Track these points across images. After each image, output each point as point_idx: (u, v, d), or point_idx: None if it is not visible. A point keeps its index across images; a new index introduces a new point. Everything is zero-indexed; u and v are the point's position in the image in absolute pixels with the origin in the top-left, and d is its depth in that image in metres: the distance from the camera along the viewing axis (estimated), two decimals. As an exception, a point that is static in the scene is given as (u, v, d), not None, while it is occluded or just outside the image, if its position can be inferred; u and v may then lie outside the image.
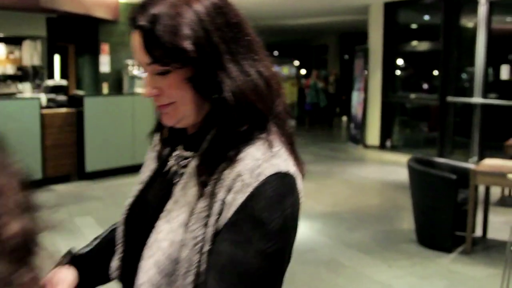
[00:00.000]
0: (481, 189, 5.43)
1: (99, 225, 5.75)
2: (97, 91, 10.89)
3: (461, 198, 5.07)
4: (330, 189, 7.63)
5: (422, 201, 5.20)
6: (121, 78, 11.01)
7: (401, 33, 11.31)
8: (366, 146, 11.58)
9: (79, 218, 6.07)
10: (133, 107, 8.48)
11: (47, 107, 7.86)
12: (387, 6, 11.13)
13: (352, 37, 18.29)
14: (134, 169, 8.50)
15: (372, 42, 11.48)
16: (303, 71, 24.68)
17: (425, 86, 13.87)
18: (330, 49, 21.41)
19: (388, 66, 11.28)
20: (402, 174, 8.53)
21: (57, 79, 8.74)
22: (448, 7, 9.95)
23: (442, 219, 5.01)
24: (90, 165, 8.06)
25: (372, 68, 11.46)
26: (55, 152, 7.75)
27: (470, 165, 5.55)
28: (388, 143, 11.29)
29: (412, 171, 5.25)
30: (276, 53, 30.38)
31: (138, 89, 9.92)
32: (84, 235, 5.41)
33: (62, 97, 8.07)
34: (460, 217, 5.03)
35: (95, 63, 10.96)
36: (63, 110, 7.88)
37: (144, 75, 1.11)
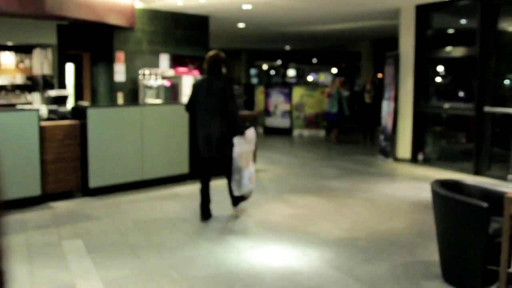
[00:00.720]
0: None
1: (87, 251, 5.20)
2: (112, 102, 10.44)
3: (494, 228, 4.32)
4: (350, 209, 6.92)
5: (448, 231, 4.47)
6: (137, 88, 10.54)
7: (435, 38, 10.52)
8: (396, 160, 10.81)
9: (68, 241, 5.53)
10: (142, 118, 7.95)
11: (48, 119, 7.40)
12: (419, 9, 10.37)
13: (385, 43, 17.48)
14: (142, 185, 7.98)
15: (403, 47, 10.72)
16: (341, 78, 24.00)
17: (461, 94, 13.02)
18: (363, 55, 20.61)
19: (420, 73, 10.50)
20: (432, 193, 7.77)
21: (60, 89, 8.28)
22: (485, 10, 9.14)
23: (471, 253, 4.28)
24: (94, 181, 7.56)
25: (403, 75, 10.70)
26: (56, 167, 7.26)
27: (505, 188, 4.78)
28: (420, 157, 10.50)
29: (436, 196, 4.53)
30: (315, 60, 29.91)
31: (149, 100, 9.40)
32: (66, 262, 4.86)
33: (64, 108, 7.60)
34: (493, 251, 4.29)
35: (110, 72, 10.52)
36: (66, 122, 7.40)
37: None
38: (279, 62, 29.17)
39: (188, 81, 9.73)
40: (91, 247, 5.34)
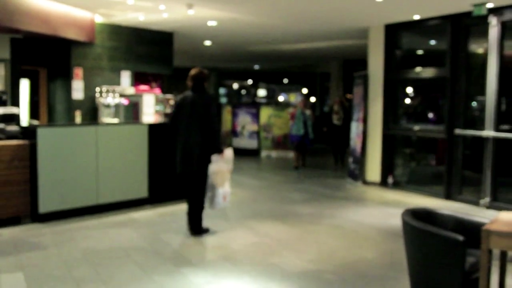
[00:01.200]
0: (496, 250, 4.31)
1: (26, 287, 4.68)
2: (70, 120, 9.91)
3: (471, 263, 3.97)
4: (316, 237, 6.52)
5: (421, 265, 4.10)
6: (96, 106, 10.03)
7: (404, 59, 10.29)
8: (365, 183, 10.48)
9: (7, 275, 5.00)
10: (97, 139, 7.47)
11: (-6, 139, 6.87)
12: (388, 28, 10.14)
13: (355, 64, 17.31)
14: (97, 209, 7.49)
15: (372, 67, 10.46)
16: (312, 99, 23.79)
17: (431, 116, 12.83)
18: (332, 76, 20.42)
19: (389, 94, 10.25)
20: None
21: (8, 107, 7.75)
22: (455, 30, 8.93)
23: (446, 290, 3.91)
24: (44, 206, 7.03)
25: (372, 96, 10.43)
26: (2, 191, 6.72)
27: (480, 217, 4.44)
28: (390, 180, 10.19)
29: (408, 228, 4.17)
30: (285, 80, 29.69)
31: (107, 119, 8.92)
32: (-1, 302, 4.34)
33: (13, 128, 7.06)
34: (470, 287, 3.93)
35: (68, 89, 10.01)
36: (14, 142, 6.87)
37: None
38: (249, 81, 28.87)
39: (149, 100, 9.28)
40: (32, 281, 4.83)
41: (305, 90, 28.11)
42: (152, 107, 9.28)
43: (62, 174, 7.15)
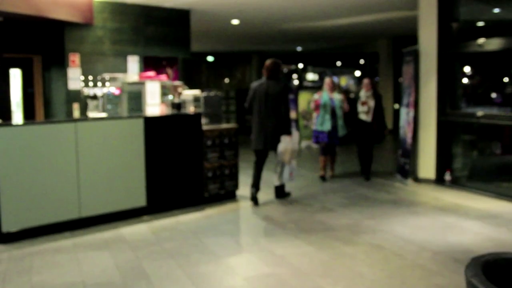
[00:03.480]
0: None
1: None
2: (68, 114, 8.55)
3: None
4: (348, 266, 4.87)
5: None
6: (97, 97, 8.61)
7: (462, 32, 8.42)
8: (417, 181, 8.71)
9: None
10: (77, 138, 6.02)
11: None
12: (442, -7, 8.30)
13: (406, 41, 15.36)
14: (80, 224, 6.07)
15: (423, 41, 8.64)
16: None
17: (496, 98, 10.87)
18: (381, 56, 18.47)
19: (445, 73, 8.42)
20: (467, 233, 5.70)
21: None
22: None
23: None
24: (8, 224, 5.67)
25: (424, 76, 8.61)
26: (-47, 207, 5.38)
27: None
28: (447, 177, 8.39)
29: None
30: (339, 63, 28.03)
31: (91, 113, 7.46)
32: None
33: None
34: None
35: (65, 79, 8.62)
36: (-32, 145, 5.51)
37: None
38: (300, 65, 27.14)
39: (153, 87, 7.80)
40: None
41: (358, 73, 26.28)
42: (157, 97, 7.79)
43: (31, 184, 5.76)
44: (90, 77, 8.37)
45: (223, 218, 6.61)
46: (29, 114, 8.88)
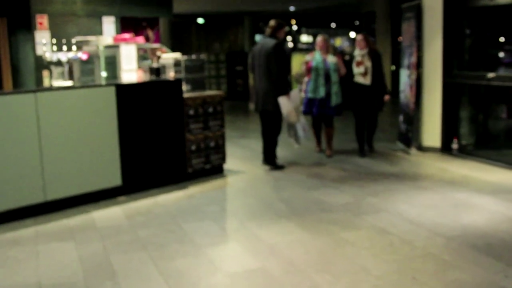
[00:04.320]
0: None
1: None
2: (37, 83, 7.75)
3: None
4: (349, 254, 4.19)
5: None
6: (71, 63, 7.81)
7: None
8: (422, 149, 8.00)
9: None
10: (38, 110, 5.26)
11: None
12: None
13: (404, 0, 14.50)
14: (46, 209, 5.37)
15: (427, -5, 7.83)
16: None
17: (504, 58, 10.09)
18: (378, 15, 17.57)
19: (452, 30, 7.63)
20: (482, 212, 5.02)
21: None
22: None
23: None
24: (-40, 210, 4.94)
25: (428, 34, 7.82)
26: None
27: None
28: (454, 145, 7.67)
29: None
30: (333, 25, 27.10)
31: (56, 82, 6.67)
32: None
33: None
34: None
35: (33, 44, 7.80)
36: None
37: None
38: (294, 27, 26.17)
39: (128, 51, 7.01)
40: None
41: (353, 34, 25.38)
42: (133, 62, 7.01)
43: (-15, 164, 5.02)
44: (56, 41, 7.53)
45: (207, 198, 5.91)
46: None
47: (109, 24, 8.42)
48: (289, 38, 26.37)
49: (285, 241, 4.50)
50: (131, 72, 7.07)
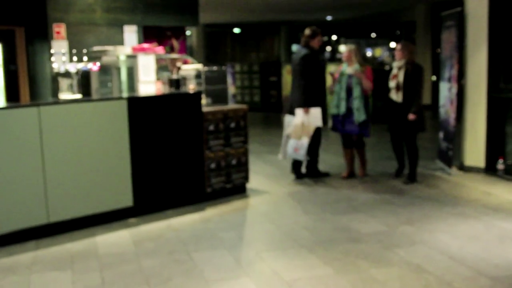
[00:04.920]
0: None
1: None
2: (53, 94, 7.40)
3: None
4: (378, 299, 3.62)
5: None
6: (89, 74, 7.44)
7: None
8: (463, 169, 7.34)
9: None
10: (41, 125, 4.86)
11: None
12: None
13: (446, 8, 13.78)
14: (50, 231, 4.96)
15: (471, 1, 7.19)
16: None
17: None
18: (418, 25, 16.87)
19: (498, 39, 6.98)
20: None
21: None
22: None
23: None
24: (-46, 233, 4.56)
25: (472, 44, 7.18)
26: None
27: None
28: (500, 165, 6.99)
29: None
30: (373, 35, 26.47)
31: (63, 95, 6.27)
32: None
33: None
34: None
35: (50, 53, 7.47)
36: None
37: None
38: (333, 37, 25.59)
39: (147, 61, 6.58)
40: None
41: (393, 44, 24.70)
42: (151, 73, 6.58)
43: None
44: (75, 51, 7.16)
45: (225, 222, 5.40)
46: (12, 94, 7.75)
47: (130, 33, 8.03)
48: (328, 48, 25.81)
49: (305, 278, 3.96)
50: (149, 84, 6.63)
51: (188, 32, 24.68)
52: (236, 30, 25.11)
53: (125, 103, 5.41)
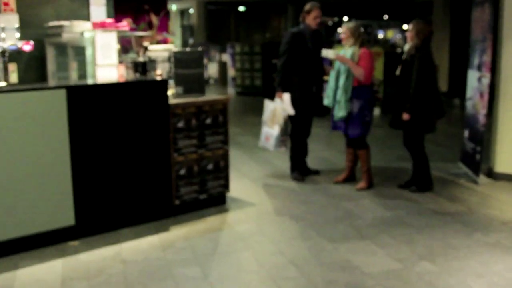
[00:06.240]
0: None
1: None
2: (4, 79, 6.17)
3: None
4: None
5: None
6: (44, 55, 6.24)
7: None
8: (493, 176, 6.07)
9: None
10: None
11: None
12: None
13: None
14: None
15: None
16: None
17: None
18: (435, 4, 15.46)
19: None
20: None
21: None
22: None
23: None
24: None
25: (509, 24, 5.86)
26: None
27: None
28: (539, 174, 5.72)
29: None
30: (386, 16, 25.15)
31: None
32: None
33: None
34: None
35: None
36: None
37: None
38: (345, 18, 24.26)
39: (107, 40, 5.33)
40: None
41: (406, 26, 23.46)
42: (112, 54, 5.35)
43: None
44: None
45: (190, 250, 4.18)
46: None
47: (98, 7, 6.75)
48: (340, 29, 24.43)
49: None
50: (109, 68, 5.40)
51: (191, 10, 23.43)
52: (241, 8, 23.76)
53: (63, 94, 4.18)
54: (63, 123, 4.17)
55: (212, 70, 18.76)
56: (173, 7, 23.17)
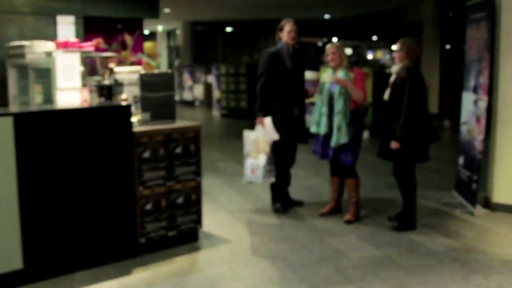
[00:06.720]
0: None
1: None
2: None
3: None
4: None
5: None
6: (5, 77, 5.79)
7: None
8: (490, 207, 5.61)
9: None
10: None
11: None
12: None
13: (457, 4, 12.10)
14: None
15: (504, -11, 5.47)
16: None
17: None
18: (425, 24, 15.16)
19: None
20: None
21: None
22: None
23: None
24: None
25: (507, 44, 5.45)
26: None
27: None
28: (541, 205, 5.26)
29: None
30: (375, 37, 24.91)
31: None
32: None
33: None
34: None
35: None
36: None
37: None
38: (334, 39, 24.02)
39: (70, 60, 4.85)
40: None
41: (395, 47, 23.18)
42: (75, 77, 4.88)
43: None
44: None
45: (151, 299, 3.67)
46: None
47: (66, 25, 6.32)
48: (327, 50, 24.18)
49: None
50: (71, 91, 4.94)
51: (177, 31, 23.03)
52: (228, 29, 23.42)
53: (9, 123, 3.68)
54: (9, 155, 3.68)
55: (197, 91, 18.31)
56: (159, 28, 22.78)
